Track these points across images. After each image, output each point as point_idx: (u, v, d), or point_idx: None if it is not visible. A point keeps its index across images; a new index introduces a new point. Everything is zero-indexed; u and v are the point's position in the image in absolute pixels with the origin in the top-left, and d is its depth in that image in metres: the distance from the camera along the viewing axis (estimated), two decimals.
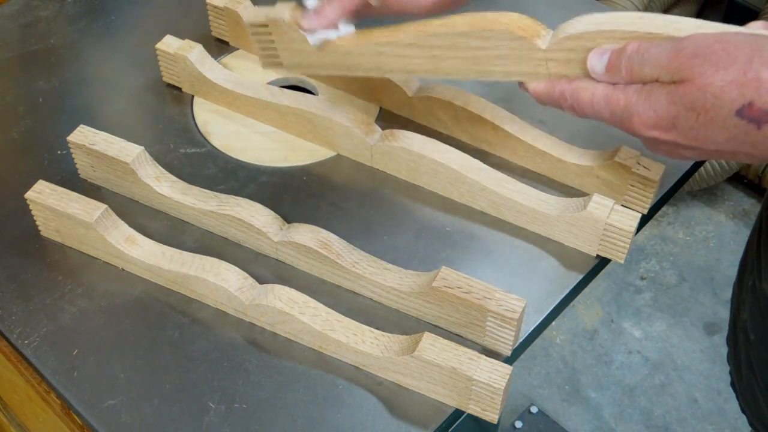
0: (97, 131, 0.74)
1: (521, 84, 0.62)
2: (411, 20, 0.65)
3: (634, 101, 0.54)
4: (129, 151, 0.72)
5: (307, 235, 0.69)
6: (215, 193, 0.73)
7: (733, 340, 0.82)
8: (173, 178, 0.74)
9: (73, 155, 0.76)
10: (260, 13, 0.72)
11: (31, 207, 0.71)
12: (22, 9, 0.96)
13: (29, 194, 0.70)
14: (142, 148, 0.73)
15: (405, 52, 0.65)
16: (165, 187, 0.74)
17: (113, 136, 0.73)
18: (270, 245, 0.71)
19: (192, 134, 0.83)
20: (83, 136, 0.74)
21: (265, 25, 0.71)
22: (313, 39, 0.67)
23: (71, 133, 0.74)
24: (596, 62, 0.57)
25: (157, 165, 0.74)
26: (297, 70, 0.74)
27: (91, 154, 0.74)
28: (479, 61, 0.62)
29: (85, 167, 0.76)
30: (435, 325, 0.67)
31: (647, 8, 2.01)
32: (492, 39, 0.60)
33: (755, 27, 0.54)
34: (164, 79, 0.87)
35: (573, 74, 0.59)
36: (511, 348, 0.64)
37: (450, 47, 0.62)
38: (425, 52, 0.64)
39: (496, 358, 0.60)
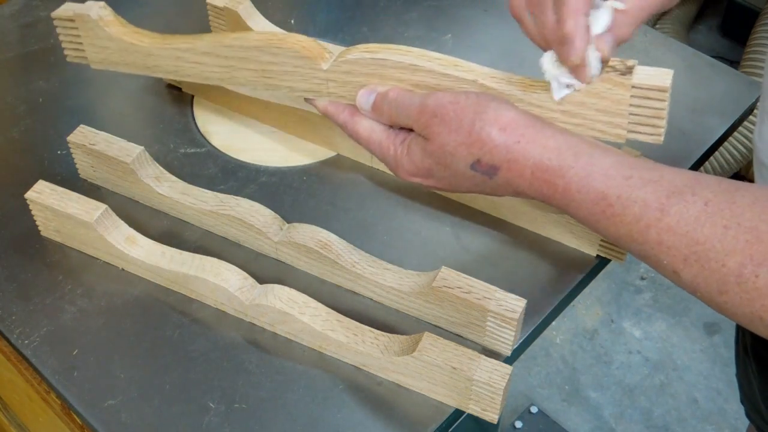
0: (97, 131, 0.74)
1: (308, 99, 0.67)
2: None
3: (399, 153, 0.61)
4: (129, 151, 0.72)
5: (307, 235, 0.69)
6: (215, 193, 0.73)
7: (737, 325, 0.84)
8: (173, 178, 0.74)
9: (73, 155, 0.76)
10: (68, 9, 0.73)
11: (31, 207, 0.71)
12: (22, 9, 0.96)
13: (29, 194, 0.70)
14: (142, 148, 0.73)
15: (202, 60, 0.69)
16: (165, 187, 0.73)
17: (113, 136, 0.73)
18: (270, 245, 0.71)
19: (192, 134, 0.83)
20: (83, 136, 0.74)
21: (72, 20, 0.73)
22: (559, 93, 0.58)
23: (71, 133, 0.74)
24: (364, 101, 0.63)
25: (157, 165, 0.74)
26: (101, 65, 0.76)
27: (91, 154, 0.74)
28: (269, 74, 0.66)
29: (85, 167, 0.76)
30: (435, 325, 0.67)
31: None
32: (280, 56, 0.65)
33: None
34: (164, 78, 0.87)
35: (350, 96, 0.64)
36: (511, 348, 0.64)
37: (243, 59, 0.67)
38: (220, 61, 0.68)
39: (496, 358, 0.60)
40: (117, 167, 0.73)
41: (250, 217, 0.70)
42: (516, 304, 0.62)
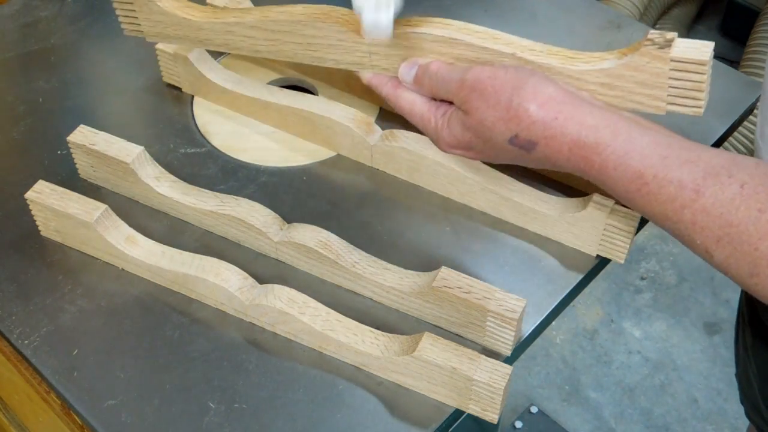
0: (97, 131, 0.74)
1: (357, 72, 0.68)
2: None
3: (440, 126, 0.62)
4: (129, 151, 0.72)
5: (307, 235, 0.69)
6: (215, 193, 0.73)
7: (736, 325, 0.84)
8: (173, 178, 0.74)
9: (73, 155, 0.76)
10: None
11: (31, 207, 0.71)
12: (22, 9, 0.96)
13: (29, 194, 0.70)
14: (142, 148, 0.73)
15: (250, 33, 0.70)
16: (165, 187, 0.74)
17: (113, 136, 0.73)
18: (270, 245, 0.71)
19: (192, 134, 0.83)
20: (83, 136, 0.74)
21: None
22: (377, 31, 0.61)
23: (71, 133, 0.74)
24: (406, 73, 0.64)
25: (157, 165, 0.74)
26: (156, 39, 0.78)
27: (91, 154, 0.74)
28: (314, 47, 0.68)
29: (85, 167, 0.76)
30: (435, 325, 0.67)
31: (647, 8, 2.02)
32: (324, 30, 0.66)
33: None
34: (164, 79, 0.87)
35: (393, 68, 0.65)
36: (511, 348, 0.64)
37: (288, 33, 0.68)
38: (268, 35, 0.69)
39: (496, 358, 0.60)
40: (117, 167, 0.73)
41: (250, 217, 0.70)
42: (516, 304, 0.62)
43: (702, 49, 0.54)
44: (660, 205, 0.52)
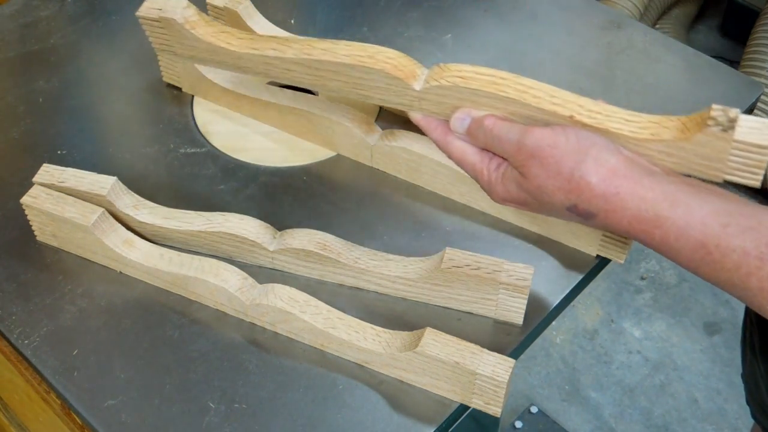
0: (64, 168, 0.70)
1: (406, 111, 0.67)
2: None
3: (494, 179, 0.61)
4: (103, 183, 0.69)
5: (304, 238, 0.68)
6: (198, 212, 0.71)
7: (743, 326, 0.84)
8: (151, 204, 0.72)
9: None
10: (152, 10, 0.74)
11: (26, 212, 0.71)
12: (22, 9, 0.96)
13: (25, 199, 0.70)
14: (115, 178, 0.70)
15: (291, 68, 0.69)
16: (145, 215, 0.70)
17: (81, 171, 0.70)
18: (265, 255, 0.70)
19: (192, 134, 0.83)
20: (50, 175, 0.70)
21: (158, 20, 0.74)
22: None
23: (36, 175, 0.70)
24: (458, 125, 0.62)
25: (133, 193, 0.71)
26: (191, 61, 0.77)
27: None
28: (361, 88, 0.66)
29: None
30: (444, 307, 0.67)
31: (647, 8, 2.02)
32: (371, 74, 0.64)
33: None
34: (164, 79, 0.87)
35: (443, 113, 0.63)
36: (522, 316, 0.65)
37: (334, 72, 0.66)
38: (311, 71, 0.68)
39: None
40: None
41: (242, 231, 0.69)
42: (525, 272, 0.63)
43: (765, 131, 0.54)
44: (725, 273, 0.52)
